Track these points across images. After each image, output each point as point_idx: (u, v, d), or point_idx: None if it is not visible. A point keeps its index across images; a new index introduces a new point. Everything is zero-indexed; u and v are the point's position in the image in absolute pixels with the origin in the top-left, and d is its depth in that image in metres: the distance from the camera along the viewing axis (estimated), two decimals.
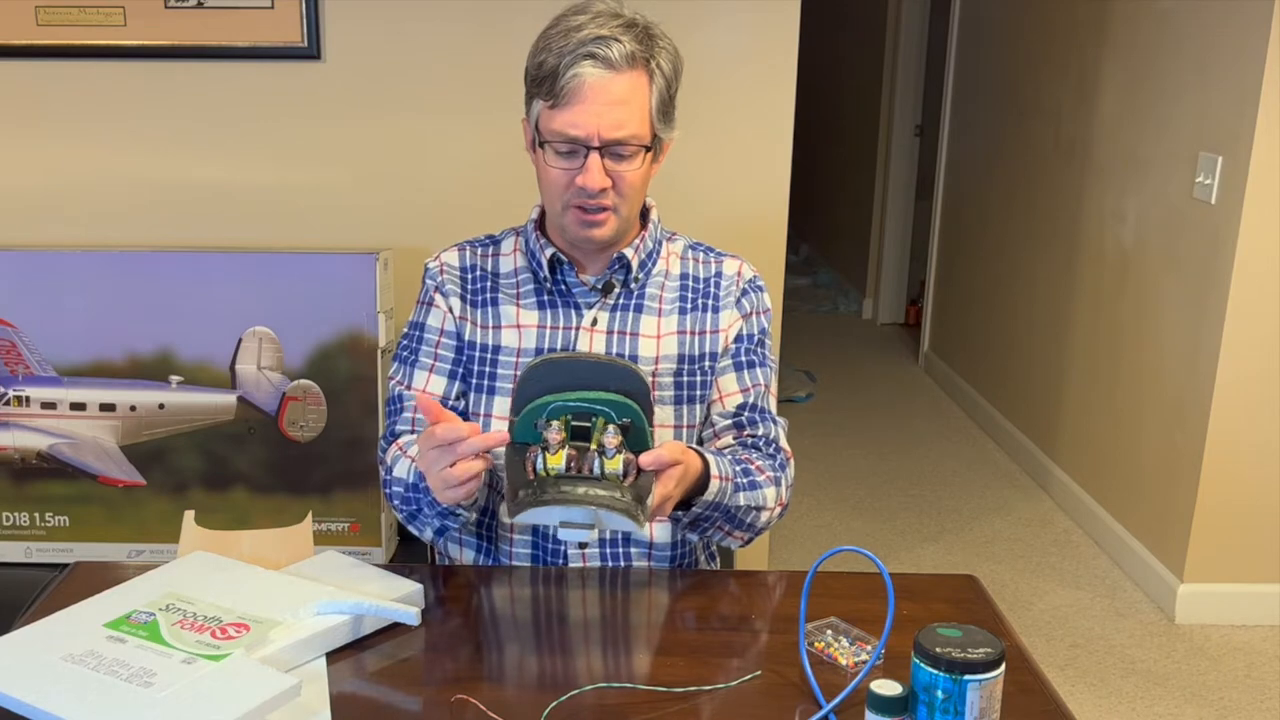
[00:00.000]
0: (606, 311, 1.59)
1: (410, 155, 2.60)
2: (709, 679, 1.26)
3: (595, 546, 1.59)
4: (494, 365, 1.60)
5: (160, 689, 1.13)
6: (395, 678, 1.27)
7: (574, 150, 1.46)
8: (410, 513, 1.54)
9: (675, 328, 1.60)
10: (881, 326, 6.00)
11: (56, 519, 2.43)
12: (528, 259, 1.62)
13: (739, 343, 1.63)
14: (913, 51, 5.65)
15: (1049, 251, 3.96)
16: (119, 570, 1.46)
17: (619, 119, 1.44)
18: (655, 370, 1.59)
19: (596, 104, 1.43)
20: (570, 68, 1.43)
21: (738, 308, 1.63)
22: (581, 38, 1.43)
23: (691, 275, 1.64)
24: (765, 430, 1.62)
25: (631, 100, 1.45)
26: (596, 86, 1.43)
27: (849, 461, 4.17)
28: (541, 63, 1.46)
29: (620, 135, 1.45)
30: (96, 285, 2.34)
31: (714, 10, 2.53)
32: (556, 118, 1.45)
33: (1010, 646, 1.28)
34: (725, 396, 1.62)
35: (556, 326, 1.59)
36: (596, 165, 1.45)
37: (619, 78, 1.44)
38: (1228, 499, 3.00)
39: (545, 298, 1.60)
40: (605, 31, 1.44)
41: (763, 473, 1.56)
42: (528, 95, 1.52)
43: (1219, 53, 2.92)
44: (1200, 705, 2.71)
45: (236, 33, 2.48)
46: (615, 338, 1.58)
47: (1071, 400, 3.77)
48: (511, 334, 1.59)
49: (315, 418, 2.38)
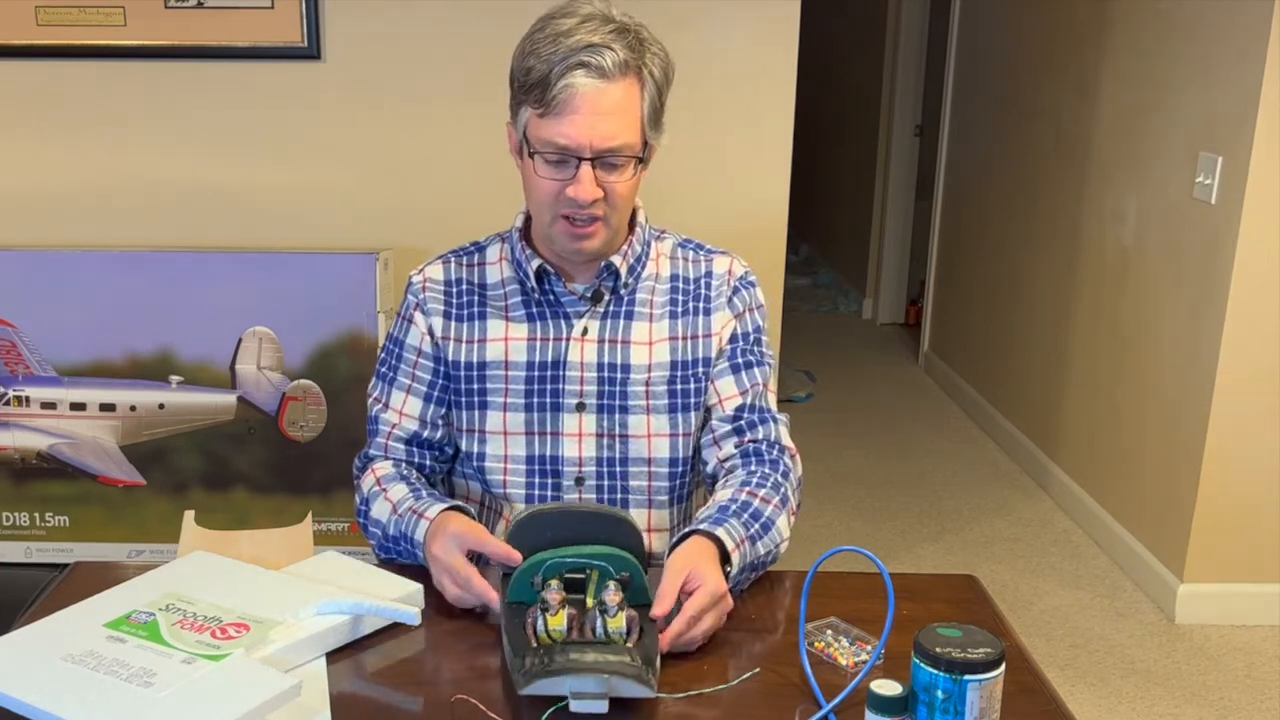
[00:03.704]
0: (597, 320, 1.57)
1: (410, 155, 2.60)
2: (710, 679, 1.26)
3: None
4: (482, 381, 1.57)
5: (160, 689, 1.13)
6: (395, 678, 1.27)
7: (564, 160, 1.43)
8: (388, 558, 1.58)
9: (667, 334, 1.58)
10: (881, 326, 5.99)
11: (56, 519, 2.43)
12: (514, 269, 1.59)
13: (734, 343, 1.61)
14: (913, 51, 5.65)
15: (1049, 251, 3.96)
16: (119, 570, 1.46)
17: (611, 130, 1.42)
18: (649, 378, 1.57)
19: (589, 114, 1.40)
20: (561, 77, 1.39)
21: (730, 307, 1.61)
22: (572, 45, 1.40)
23: (681, 276, 1.61)
24: (766, 432, 1.59)
25: (624, 110, 1.43)
26: (589, 97, 1.40)
27: (849, 461, 4.17)
28: (530, 69, 1.42)
29: (612, 145, 1.42)
30: (96, 285, 2.34)
31: (714, 10, 2.53)
32: (547, 127, 1.42)
33: (1010, 646, 1.27)
34: (724, 400, 1.60)
35: (546, 338, 1.56)
36: (588, 176, 1.42)
37: (611, 87, 1.41)
38: (1228, 499, 3.00)
39: (534, 309, 1.57)
40: (597, 39, 1.40)
41: (769, 503, 1.49)
42: (514, 100, 1.48)
43: (1219, 53, 2.92)
44: (1200, 705, 2.71)
45: (236, 33, 2.48)
46: (606, 346, 1.56)
47: (1071, 400, 3.77)
48: (498, 347, 1.57)
49: (315, 418, 2.38)
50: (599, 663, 1.15)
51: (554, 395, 1.56)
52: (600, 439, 1.57)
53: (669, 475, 1.59)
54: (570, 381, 1.56)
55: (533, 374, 1.56)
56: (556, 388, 1.56)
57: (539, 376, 1.56)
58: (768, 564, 1.52)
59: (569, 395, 1.56)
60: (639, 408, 1.57)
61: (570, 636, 1.22)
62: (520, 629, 1.24)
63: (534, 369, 1.56)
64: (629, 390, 1.56)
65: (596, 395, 1.56)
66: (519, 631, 1.24)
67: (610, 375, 1.56)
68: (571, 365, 1.56)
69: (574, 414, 1.56)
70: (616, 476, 1.58)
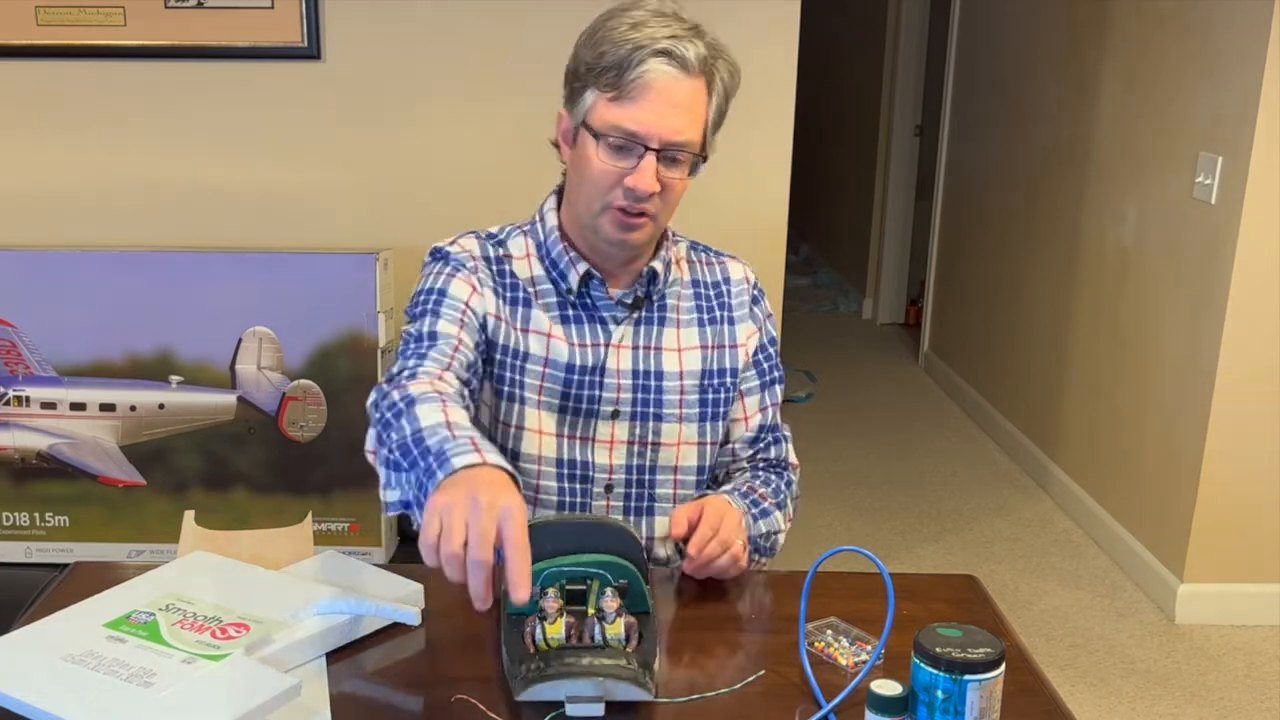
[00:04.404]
0: (631, 326, 1.54)
1: (410, 155, 2.60)
2: (710, 679, 1.26)
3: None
4: (522, 373, 1.51)
5: (160, 689, 1.13)
6: (395, 678, 1.27)
7: (628, 147, 1.40)
8: (389, 458, 1.26)
9: (697, 341, 1.57)
10: (881, 326, 6.00)
11: (56, 519, 2.43)
12: (545, 268, 1.53)
13: (760, 355, 1.62)
14: (913, 51, 5.65)
15: (1049, 251, 3.96)
16: (119, 570, 1.46)
17: (681, 123, 1.40)
18: (681, 385, 1.55)
19: (663, 104, 1.38)
20: (642, 61, 1.37)
21: (752, 318, 1.61)
22: (652, 34, 1.38)
23: (701, 281, 1.61)
24: (778, 452, 1.66)
25: (694, 107, 1.41)
26: (666, 86, 1.38)
27: (849, 461, 4.17)
28: (603, 53, 1.39)
29: (680, 140, 1.40)
30: (96, 285, 2.34)
31: (714, 10, 2.52)
32: (617, 111, 1.39)
33: (1010, 646, 1.27)
34: (749, 417, 1.62)
35: (584, 344, 1.52)
36: (651, 167, 1.40)
37: (688, 82, 1.40)
38: (1228, 499, 3.00)
39: (570, 312, 1.52)
40: (679, 31, 1.40)
41: (766, 499, 1.58)
42: (577, 84, 1.44)
43: (1219, 53, 2.92)
44: (1200, 705, 2.71)
45: (236, 33, 2.48)
46: (640, 353, 1.54)
47: (1071, 400, 3.77)
48: (541, 341, 1.51)
49: (315, 418, 2.38)
50: (595, 666, 1.15)
51: (590, 401, 1.53)
52: (631, 446, 1.55)
53: (695, 484, 1.60)
54: (608, 389, 1.53)
55: (571, 377, 1.52)
56: (594, 394, 1.53)
57: (577, 381, 1.52)
58: (766, 551, 1.55)
59: (605, 403, 1.53)
60: (672, 416, 1.56)
61: (568, 643, 1.22)
62: (519, 638, 1.24)
63: (573, 372, 1.51)
64: (664, 399, 1.55)
65: (631, 403, 1.54)
66: (517, 641, 1.24)
67: (645, 383, 1.54)
68: (609, 372, 1.53)
69: (608, 421, 1.54)
70: (645, 485, 1.57)
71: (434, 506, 1.09)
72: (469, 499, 1.08)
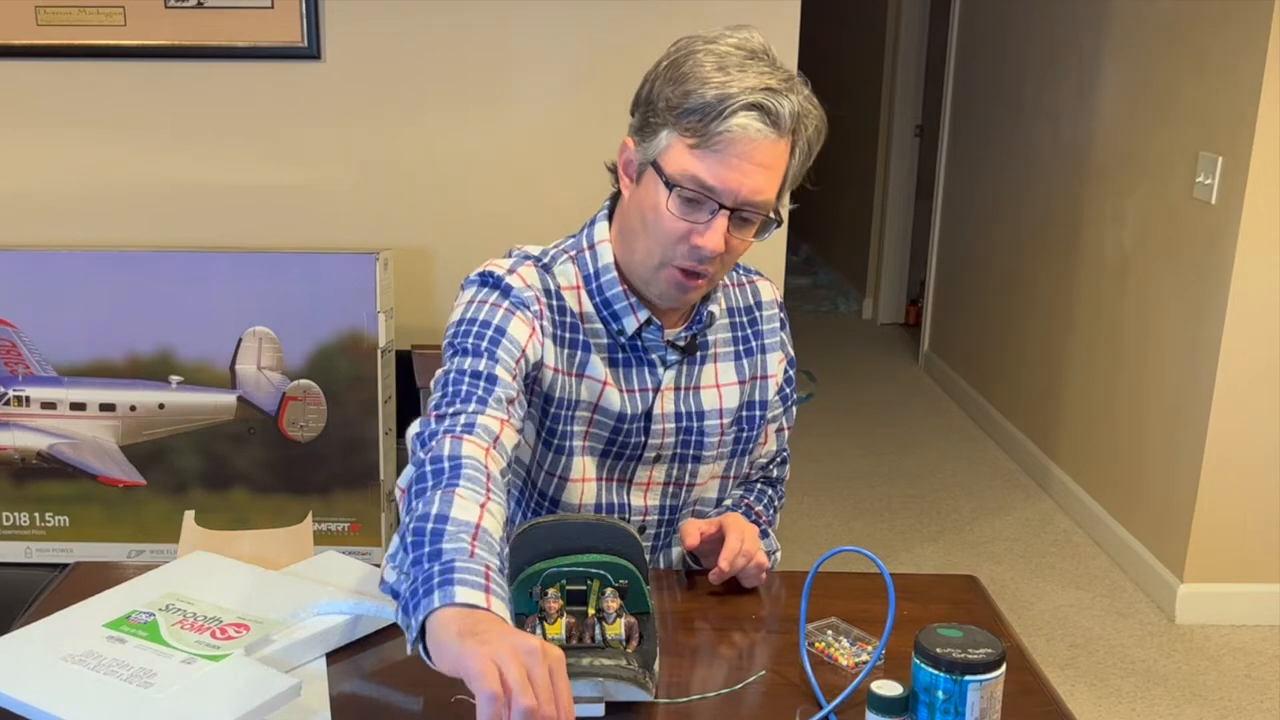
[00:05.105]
0: (674, 368, 1.47)
1: (410, 155, 2.60)
2: (710, 679, 1.26)
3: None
4: (570, 423, 1.42)
5: (160, 689, 1.13)
6: (395, 678, 1.27)
7: (700, 201, 1.30)
8: (405, 528, 1.13)
9: (734, 377, 1.51)
10: (881, 326, 6.00)
11: (56, 519, 2.43)
12: (596, 305, 1.42)
13: (784, 379, 1.59)
14: (913, 51, 5.65)
15: (1049, 251, 3.96)
16: (119, 570, 1.46)
17: (761, 184, 1.29)
18: (721, 425, 1.50)
19: (750, 163, 1.28)
20: (735, 114, 1.26)
21: (782, 346, 1.57)
22: (745, 82, 1.27)
23: (736, 309, 1.53)
24: (781, 473, 1.67)
25: (776, 167, 1.31)
26: (755, 145, 1.27)
27: (849, 461, 4.17)
28: (689, 92, 1.27)
29: (756, 201, 1.30)
30: (96, 285, 2.34)
31: (713, 10, 2.52)
32: (696, 162, 1.28)
33: (1010, 647, 1.27)
34: (766, 442, 1.61)
35: (633, 389, 1.44)
36: (721, 227, 1.30)
37: (778, 142, 1.29)
38: (1228, 499, 3.00)
39: (619, 355, 1.43)
40: (775, 83, 1.28)
41: (762, 519, 1.59)
42: (652, 118, 1.32)
43: (1219, 53, 2.92)
44: (1200, 705, 2.71)
45: (236, 33, 2.48)
46: (683, 394, 1.47)
47: (1071, 400, 3.77)
48: (595, 388, 1.42)
49: (315, 418, 2.38)
50: (594, 666, 1.15)
51: (635, 448, 1.46)
52: (667, 488, 1.51)
53: (707, 515, 1.57)
54: (654, 435, 1.46)
55: (620, 425, 1.44)
56: (639, 440, 1.46)
57: (625, 429, 1.45)
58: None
59: (650, 449, 1.47)
60: (710, 457, 1.52)
61: (569, 644, 1.22)
62: None
63: (622, 420, 1.44)
64: (705, 439, 1.50)
65: (673, 445, 1.49)
66: None
67: (687, 424, 1.48)
68: (655, 418, 1.46)
69: (649, 465, 1.49)
70: (674, 524, 1.54)
71: (478, 654, 0.96)
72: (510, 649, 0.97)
